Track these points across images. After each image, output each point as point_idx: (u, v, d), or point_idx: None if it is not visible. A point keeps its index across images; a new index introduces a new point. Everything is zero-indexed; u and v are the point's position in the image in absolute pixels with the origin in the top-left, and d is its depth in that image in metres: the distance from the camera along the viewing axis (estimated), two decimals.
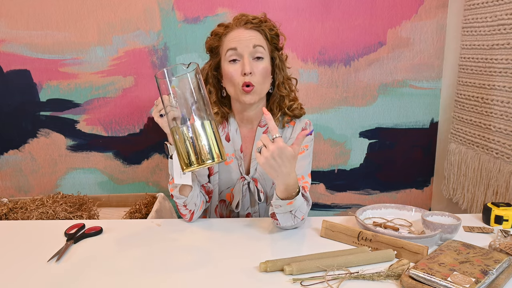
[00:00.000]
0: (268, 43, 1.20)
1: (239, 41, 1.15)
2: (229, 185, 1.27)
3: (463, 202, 1.85)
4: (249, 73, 1.13)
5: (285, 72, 1.26)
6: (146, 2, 1.89)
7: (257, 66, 1.15)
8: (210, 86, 1.25)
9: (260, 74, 1.15)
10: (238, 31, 1.17)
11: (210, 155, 0.91)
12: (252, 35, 1.16)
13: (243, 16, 1.19)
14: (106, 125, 2.04)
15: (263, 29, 1.18)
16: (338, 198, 2.14)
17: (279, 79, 1.23)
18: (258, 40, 1.17)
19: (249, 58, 1.15)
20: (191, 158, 0.91)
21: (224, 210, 1.29)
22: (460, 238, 1.01)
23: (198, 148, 0.91)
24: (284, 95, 1.24)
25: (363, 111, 2.03)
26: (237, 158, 1.25)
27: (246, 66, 1.13)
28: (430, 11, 1.92)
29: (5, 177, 2.11)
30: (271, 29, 1.20)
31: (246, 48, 1.14)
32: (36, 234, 1.12)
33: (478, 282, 0.79)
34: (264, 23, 1.19)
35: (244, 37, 1.15)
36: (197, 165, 0.91)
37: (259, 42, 1.16)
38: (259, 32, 1.18)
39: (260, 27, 1.18)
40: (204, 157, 0.91)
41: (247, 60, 1.14)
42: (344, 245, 1.02)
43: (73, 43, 1.94)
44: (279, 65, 1.23)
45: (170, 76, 0.94)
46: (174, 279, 0.89)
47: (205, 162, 0.91)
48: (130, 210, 1.79)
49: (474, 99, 1.75)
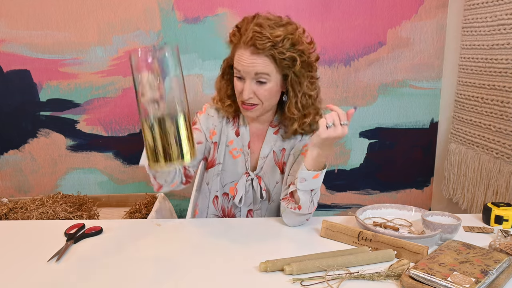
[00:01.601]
0: (277, 65, 1.10)
1: (243, 66, 1.10)
2: (233, 179, 1.27)
3: (463, 202, 1.85)
4: (248, 98, 1.12)
5: (302, 88, 1.13)
6: (146, 2, 1.89)
7: (259, 90, 1.12)
8: (226, 80, 1.23)
9: (262, 96, 1.12)
10: (243, 53, 1.09)
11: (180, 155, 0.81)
12: (256, 62, 1.08)
13: (256, 34, 1.06)
14: (106, 125, 2.04)
15: (272, 54, 1.07)
16: (338, 198, 2.14)
17: (291, 98, 1.14)
18: (263, 67, 1.08)
19: (251, 82, 1.11)
20: (160, 154, 0.80)
21: (226, 203, 1.30)
22: (460, 238, 1.01)
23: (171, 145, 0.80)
24: (295, 118, 1.17)
25: (363, 111, 2.03)
26: (244, 154, 1.25)
27: (245, 92, 1.10)
28: (430, 11, 1.92)
29: (5, 177, 2.11)
30: (281, 52, 1.07)
31: (248, 74, 1.10)
32: (36, 234, 1.12)
33: (478, 282, 0.79)
34: (276, 45, 1.06)
35: (247, 63, 1.08)
36: (164, 164, 0.81)
37: (262, 70, 1.08)
38: (267, 56, 1.08)
39: (269, 52, 1.07)
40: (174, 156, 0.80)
41: (247, 86, 1.10)
42: (344, 245, 1.02)
43: (73, 43, 1.94)
44: (292, 82, 1.13)
45: (154, 52, 0.80)
46: (174, 279, 0.89)
47: (172, 162, 0.81)
48: (130, 210, 1.79)
49: (474, 99, 1.75)
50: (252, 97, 1.12)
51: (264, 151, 1.24)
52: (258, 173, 1.25)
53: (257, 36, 1.06)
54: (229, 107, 1.22)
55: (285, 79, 1.14)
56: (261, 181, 1.25)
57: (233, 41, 1.14)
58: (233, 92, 1.20)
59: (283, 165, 1.25)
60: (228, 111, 1.23)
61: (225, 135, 1.26)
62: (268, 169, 1.25)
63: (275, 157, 1.25)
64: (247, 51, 1.08)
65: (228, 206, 1.30)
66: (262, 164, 1.25)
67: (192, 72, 1.98)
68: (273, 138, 1.24)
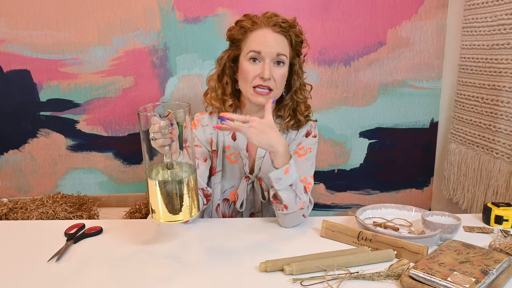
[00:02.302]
0: (292, 49, 1.18)
1: (265, 45, 1.12)
2: (232, 184, 1.26)
3: (463, 202, 1.85)
4: (268, 79, 1.13)
5: (302, 79, 1.23)
6: (146, 2, 1.89)
7: (276, 72, 1.14)
8: (226, 77, 1.22)
9: (278, 80, 1.15)
10: (265, 32, 1.14)
11: (182, 212, 0.86)
12: (278, 41, 1.13)
13: (274, 16, 1.14)
14: (106, 125, 2.04)
15: (290, 35, 1.15)
16: (338, 198, 2.14)
17: (296, 85, 1.22)
18: (283, 48, 1.14)
19: (270, 63, 1.13)
20: (162, 209, 0.86)
21: (227, 209, 1.29)
22: (460, 238, 1.01)
23: (175, 202, 0.86)
24: (300, 101, 1.23)
25: (363, 111, 2.03)
26: (242, 158, 1.24)
27: (266, 71, 1.12)
28: (430, 11, 1.92)
29: (5, 177, 2.11)
30: (297, 35, 1.17)
31: (269, 54, 1.12)
32: (36, 234, 1.12)
33: (478, 282, 0.79)
34: (292, 28, 1.15)
35: (270, 42, 1.13)
36: (165, 218, 0.86)
37: (283, 51, 1.14)
38: (285, 37, 1.15)
39: (288, 33, 1.14)
40: (175, 212, 0.86)
41: (267, 65, 1.12)
42: (344, 245, 1.02)
43: (73, 43, 1.94)
44: (297, 71, 1.21)
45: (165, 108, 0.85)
46: (174, 279, 0.89)
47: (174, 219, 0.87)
48: (130, 210, 1.80)
49: (474, 99, 1.75)
50: (271, 78, 1.13)
51: (260, 151, 1.24)
52: (257, 175, 1.25)
53: (276, 17, 1.14)
54: (230, 108, 1.21)
55: (291, 69, 1.20)
56: (262, 182, 1.24)
57: (245, 27, 1.15)
58: (233, 89, 1.21)
59: None
60: (228, 111, 1.21)
61: (222, 141, 1.25)
62: (266, 168, 1.24)
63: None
64: (268, 30, 1.13)
65: (229, 211, 1.29)
66: (259, 164, 1.25)
67: (192, 72, 1.98)
68: None
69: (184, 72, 1.98)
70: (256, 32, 1.14)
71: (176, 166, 0.87)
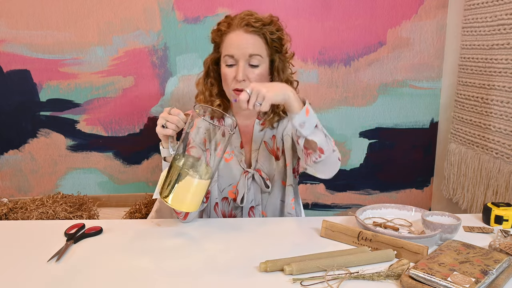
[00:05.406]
0: (268, 47, 1.18)
1: (237, 48, 1.14)
2: (230, 182, 1.27)
3: (463, 202, 1.85)
4: (242, 80, 1.13)
5: (285, 74, 1.23)
6: (146, 2, 1.89)
7: (251, 72, 1.15)
8: (211, 79, 1.25)
9: (255, 80, 1.15)
10: (237, 34, 1.15)
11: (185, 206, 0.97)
12: (250, 42, 1.15)
13: (247, 16, 1.16)
14: (106, 125, 2.04)
15: (264, 33, 1.16)
16: (338, 198, 2.14)
17: (277, 81, 1.21)
18: (256, 48, 1.15)
19: (245, 64, 1.15)
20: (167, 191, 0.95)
21: (227, 207, 1.29)
22: (460, 238, 1.01)
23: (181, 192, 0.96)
24: None
25: (363, 111, 2.03)
26: (237, 155, 1.25)
27: (239, 73, 1.13)
28: (430, 11, 1.92)
29: (5, 177, 2.11)
30: (272, 32, 1.16)
31: (242, 56, 1.14)
32: (36, 234, 1.12)
33: (478, 282, 0.79)
34: (267, 26, 1.16)
35: (243, 44, 1.14)
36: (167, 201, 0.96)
37: (256, 51, 1.15)
38: (259, 36, 1.16)
39: (261, 31, 1.15)
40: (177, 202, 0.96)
41: (241, 68, 1.14)
42: (344, 245, 1.02)
43: (73, 43, 1.94)
44: (278, 67, 1.21)
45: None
46: (174, 279, 0.89)
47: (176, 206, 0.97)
48: (130, 210, 1.80)
49: (474, 99, 1.75)
50: (245, 80, 1.14)
51: (254, 145, 1.25)
52: (255, 167, 1.25)
53: (249, 17, 1.15)
54: (218, 107, 1.23)
55: (272, 65, 1.20)
56: (262, 172, 1.25)
57: (221, 30, 1.18)
58: (220, 89, 1.23)
59: (276, 152, 1.25)
60: (217, 111, 1.22)
61: (214, 140, 1.25)
62: (263, 158, 1.25)
63: (267, 146, 1.25)
64: (240, 31, 1.15)
65: (228, 209, 1.29)
66: (256, 156, 1.25)
67: (192, 72, 1.98)
68: (261, 129, 1.25)
69: (184, 72, 1.98)
70: (230, 34, 1.16)
71: (203, 165, 1.00)
